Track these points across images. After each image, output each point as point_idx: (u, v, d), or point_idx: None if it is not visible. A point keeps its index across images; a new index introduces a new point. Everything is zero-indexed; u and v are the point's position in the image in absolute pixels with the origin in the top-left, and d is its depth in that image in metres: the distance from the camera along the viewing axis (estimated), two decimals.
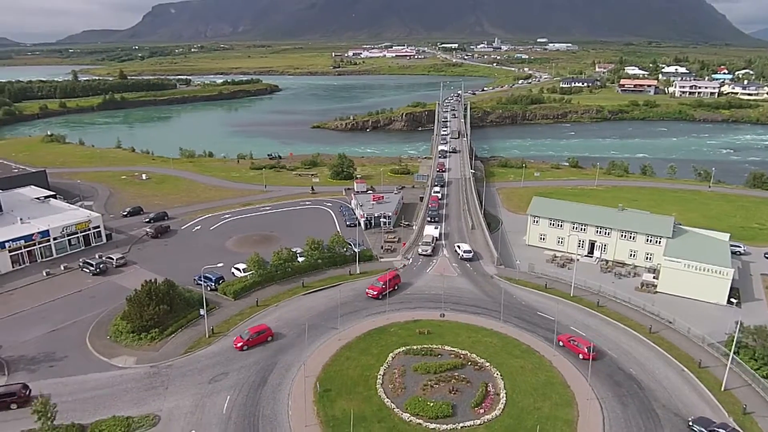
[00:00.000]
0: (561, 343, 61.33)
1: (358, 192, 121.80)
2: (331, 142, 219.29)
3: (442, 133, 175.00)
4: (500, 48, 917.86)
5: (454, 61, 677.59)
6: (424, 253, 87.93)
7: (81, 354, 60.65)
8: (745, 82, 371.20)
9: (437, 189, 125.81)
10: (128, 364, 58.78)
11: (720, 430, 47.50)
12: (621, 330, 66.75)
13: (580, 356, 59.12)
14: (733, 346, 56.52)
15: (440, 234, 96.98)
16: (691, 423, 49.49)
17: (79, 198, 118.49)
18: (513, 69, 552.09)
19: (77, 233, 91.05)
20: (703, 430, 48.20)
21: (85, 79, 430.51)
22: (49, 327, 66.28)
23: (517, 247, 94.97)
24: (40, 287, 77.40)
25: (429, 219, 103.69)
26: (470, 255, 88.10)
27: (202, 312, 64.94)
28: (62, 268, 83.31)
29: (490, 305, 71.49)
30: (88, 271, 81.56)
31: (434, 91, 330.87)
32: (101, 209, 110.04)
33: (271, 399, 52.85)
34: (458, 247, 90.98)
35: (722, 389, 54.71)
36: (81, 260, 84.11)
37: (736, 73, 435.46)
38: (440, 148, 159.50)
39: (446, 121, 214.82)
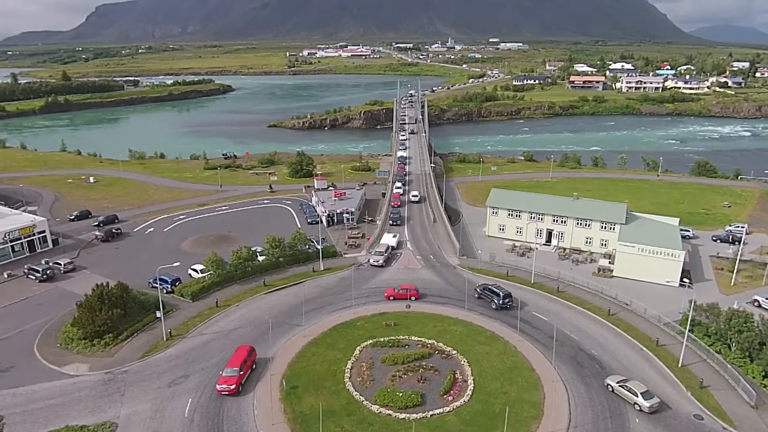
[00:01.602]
0: (392, 298, 69.31)
1: (318, 189, 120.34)
2: (288, 140, 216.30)
3: (401, 138, 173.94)
4: (454, 48, 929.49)
5: (409, 60, 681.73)
6: (375, 263, 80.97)
7: (29, 363, 57.14)
8: (687, 77, 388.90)
9: (399, 185, 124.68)
10: (81, 371, 55.77)
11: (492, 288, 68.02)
12: (581, 313, 68.25)
13: (412, 299, 68.71)
14: (688, 324, 58.54)
15: (398, 242, 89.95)
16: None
17: (22, 203, 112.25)
18: (467, 68, 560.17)
19: (21, 239, 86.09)
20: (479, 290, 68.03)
21: (25, 81, 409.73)
22: None
23: (478, 238, 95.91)
24: None
25: (391, 222, 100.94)
26: (417, 198, 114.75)
27: (158, 315, 62.36)
28: (5, 275, 78.54)
29: (455, 295, 71.78)
30: (33, 277, 77.13)
31: (391, 90, 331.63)
32: (46, 214, 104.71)
33: (236, 399, 51.13)
34: (411, 194, 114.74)
35: (679, 365, 56.59)
36: (26, 267, 79.39)
37: (678, 68, 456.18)
38: (399, 154, 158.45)
39: (404, 124, 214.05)
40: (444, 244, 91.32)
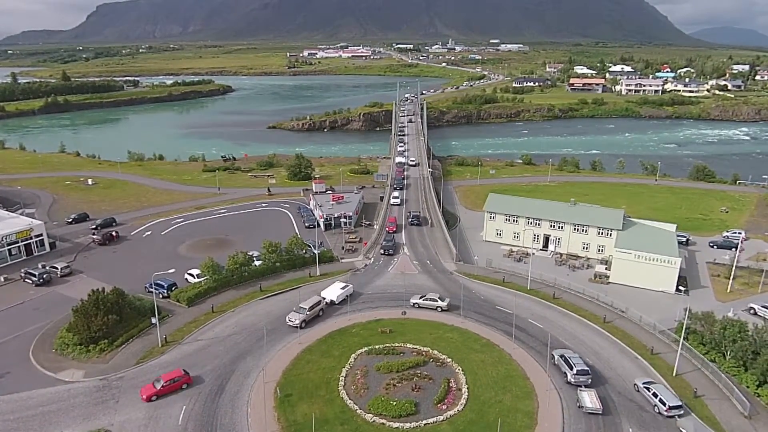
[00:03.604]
0: (155, 397, 51.63)
1: (317, 192, 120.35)
2: (287, 142, 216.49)
3: (399, 149, 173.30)
4: (454, 49, 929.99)
5: (409, 61, 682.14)
6: (291, 323, 65.13)
7: (24, 369, 57.12)
8: (687, 79, 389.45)
9: (396, 195, 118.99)
10: (76, 377, 55.78)
11: None
12: (576, 321, 68.27)
13: (184, 386, 52.90)
14: (683, 333, 58.59)
15: (346, 295, 71.65)
16: None
17: (20, 205, 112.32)
18: (467, 69, 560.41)
19: (18, 242, 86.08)
20: None
21: (25, 81, 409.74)
22: None
23: (475, 243, 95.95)
24: None
25: (383, 251, 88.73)
26: (417, 221, 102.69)
27: (154, 320, 62.37)
28: (2, 279, 78.49)
29: (451, 301, 71.71)
30: (30, 281, 77.09)
31: (391, 91, 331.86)
32: (44, 216, 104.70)
33: (230, 407, 51.20)
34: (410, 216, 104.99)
35: (674, 374, 56.64)
36: (23, 270, 79.38)
37: (678, 71, 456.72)
38: (398, 159, 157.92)
39: (403, 127, 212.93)
40: (441, 249, 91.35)
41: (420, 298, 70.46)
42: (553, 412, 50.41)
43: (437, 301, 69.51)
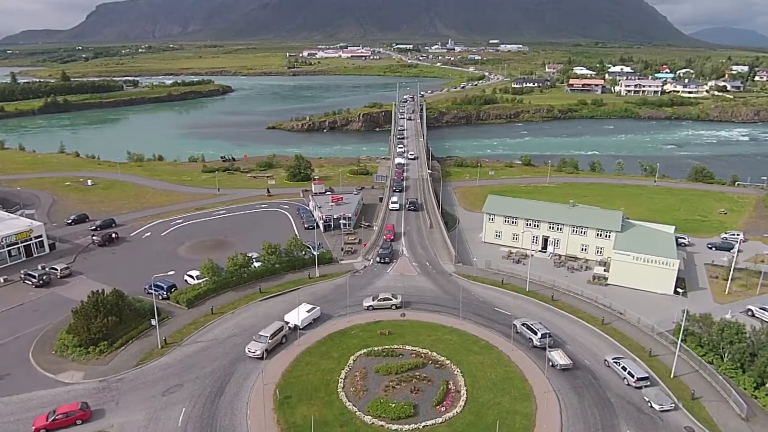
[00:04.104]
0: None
1: (316, 193, 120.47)
2: (287, 143, 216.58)
3: (399, 150, 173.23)
4: (454, 49, 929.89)
5: (409, 61, 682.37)
6: (251, 354, 59.40)
7: (24, 371, 57.32)
8: (686, 80, 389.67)
9: (395, 200, 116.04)
10: (75, 379, 55.98)
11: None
12: (575, 322, 68.51)
13: (78, 422, 48.46)
14: (681, 334, 58.85)
15: (312, 318, 67.45)
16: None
17: (20, 206, 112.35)
18: (467, 70, 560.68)
19: (18, 243, 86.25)
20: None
21: (24, 81, 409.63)
22: None
23: (474, 244, 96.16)
24: None
25: (379, 259, 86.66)
26: (414, 207, 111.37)
27: (153, 322, 62.56)
28: (2, 280, 78.68)
29: (450, 303, 71.98)
30: (30, 283, 77.24)
31: (391, 92, 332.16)
32: (43, 217, 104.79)
33: (229, 409, 51.41)
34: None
35: (671, 376, 56.88)
36: (22, 272, 79.51)
37: (678, 72, 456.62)
38: (397, 160, 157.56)
39: (403, 129, 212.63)
40: (440, 251, 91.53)
41: (373, 300, 70.85)
42: (552, 414, 50.62)
43: (391, 300, 70.54)
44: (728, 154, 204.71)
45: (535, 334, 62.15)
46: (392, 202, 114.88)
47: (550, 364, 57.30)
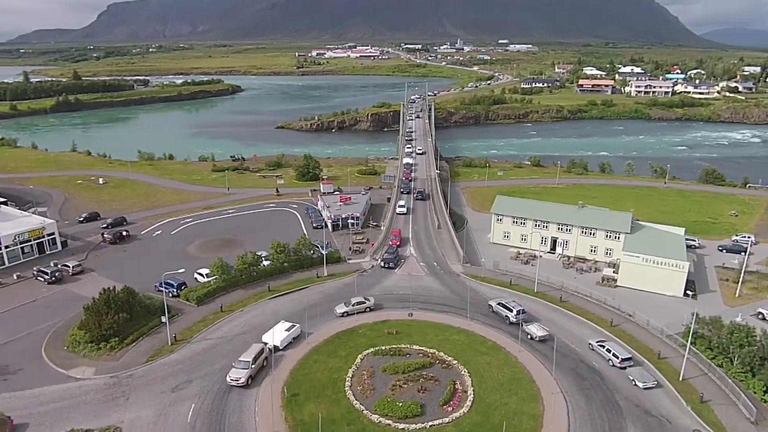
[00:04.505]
0: None
1: (324, 193, 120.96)
2: (296, 142, 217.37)
3: (407, 150, 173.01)
4: (462, 49, 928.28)
5: (417, 61, 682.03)
6: (233, 382, 54.46)
7: (37, 366, 58.14)
8: (697, 81, 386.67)
9: (402, 203, 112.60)
10: (87, 374, 56.69)
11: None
12: (584, 324, 68.30)
13: None
14: (690, 337, 58.54)
15: (292, 337, 63.19)
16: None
17: (32, 204, 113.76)
18: (476, 70, 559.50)
19: (30, 241, 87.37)
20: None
21: (36, 80, 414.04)
22: (2, 339, 63.32)
23: (482, 245, 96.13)
24: None
25: (383, 264, 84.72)
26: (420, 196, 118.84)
27: (163, 319, 63.19)
28: (15, 277, 79.79)
29: (457, 303, 72.04)
30: (42, 279, 78.28)
31: (399, 92, 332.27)
32: (56, 215, 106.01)
33: (238, 406, 51.85)
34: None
35: (680, 379, 56.60)
36: (35, 269, 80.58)
37: (689, 72, 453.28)
38: (405, 161, 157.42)
39: (411, 131, 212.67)
40: (448, 251, 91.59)
41: (346, 305, 69.16)
42: (559, 416, 50.58)
43: (365, 302, 69.78)
44: (739, 156, 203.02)
45: (511, 311, 66.85)
46: (399, 206, 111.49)
47: (528, 337, 63.12)
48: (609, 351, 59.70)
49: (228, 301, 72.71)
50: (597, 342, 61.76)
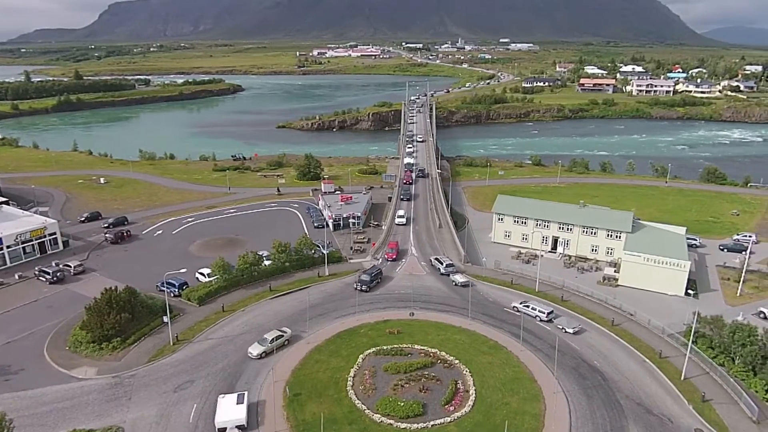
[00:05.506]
0: None
1: (325, 193, 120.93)
2: (297, 142, 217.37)
3: (408, 149, 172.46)
4: (464, 48, 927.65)
5: (419, 61, 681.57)
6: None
7: (39, 366, 58.29)
8: (698, 80, 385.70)
9: (401, 213, 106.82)
10: (89, 375, 56.80)
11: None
12: (585, 323, 68.25)
13: None
14: (692, 336, 58.54)
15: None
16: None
17: (34, 204, 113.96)
18: (477, 69, 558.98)
19: (32, 240, 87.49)
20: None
21: (38, 80, 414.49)
22: (3, 339, 63.48)
23: (484, 244, 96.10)
24: None
25: (356, 287, 75.91)
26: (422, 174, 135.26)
27: (165, 319, 63.27)
28: (17, 277, 79.92)
29: (459, 303, 72.08)
30: (44, 279, 78.44)
31: (400, 91, 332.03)
32: (57, 215, 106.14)
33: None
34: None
35: (682, 378, 56.60)
36: (37, 268, 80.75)
37: (690, 71, 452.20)
38: (406, 160, 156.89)
39: (412, 134, 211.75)
40: (449, 251, 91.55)
41: (262, 344, 59.77)
42: (561, 415, 50.61)
43: (283, 335, 61.29)
44: (741, 155, 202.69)
45: (441, 264, 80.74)
46: (398, 216, 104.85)
47: (453, 283, 76.49)
48: (534, 309, 67.75)
49: (229, 300, 72.79)
50: (521, 303, 69.51)
